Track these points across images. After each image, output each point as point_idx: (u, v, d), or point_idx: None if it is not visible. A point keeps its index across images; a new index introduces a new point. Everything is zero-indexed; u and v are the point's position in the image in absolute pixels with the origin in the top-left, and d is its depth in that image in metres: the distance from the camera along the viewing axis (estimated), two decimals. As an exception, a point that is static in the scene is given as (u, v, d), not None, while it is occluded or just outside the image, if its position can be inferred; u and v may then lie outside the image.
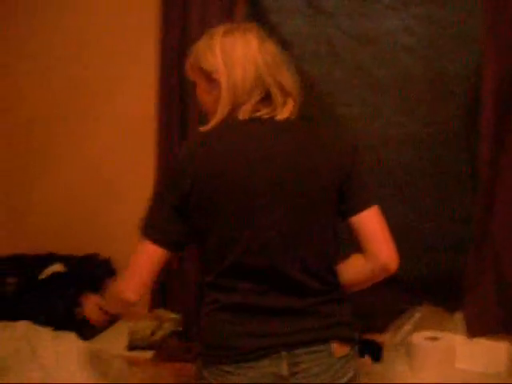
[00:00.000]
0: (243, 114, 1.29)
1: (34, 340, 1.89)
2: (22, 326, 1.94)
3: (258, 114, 1.30)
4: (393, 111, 2.23)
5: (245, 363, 1.28)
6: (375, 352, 2.02)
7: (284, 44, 1.99)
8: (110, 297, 1.51)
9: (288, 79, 1.32)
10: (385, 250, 1.32)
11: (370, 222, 1.33)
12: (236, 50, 1.30)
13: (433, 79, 2.19)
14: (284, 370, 1.29)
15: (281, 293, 1.31)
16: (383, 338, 2.08)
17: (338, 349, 1.33)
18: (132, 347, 2.09)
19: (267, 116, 1.30)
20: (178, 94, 2.23)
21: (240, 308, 1.31)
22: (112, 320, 1.99)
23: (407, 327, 2.08)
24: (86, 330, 1.96)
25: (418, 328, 2.06)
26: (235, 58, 1.29)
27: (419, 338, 2.00)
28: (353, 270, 1.39)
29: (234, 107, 1.30)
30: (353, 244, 1.35)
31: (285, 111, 1.31)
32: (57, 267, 2.26)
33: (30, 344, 1.87)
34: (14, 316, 2.01)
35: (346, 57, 2.22)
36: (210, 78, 1.32)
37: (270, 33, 1.38)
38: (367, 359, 1.99)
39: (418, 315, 2.09)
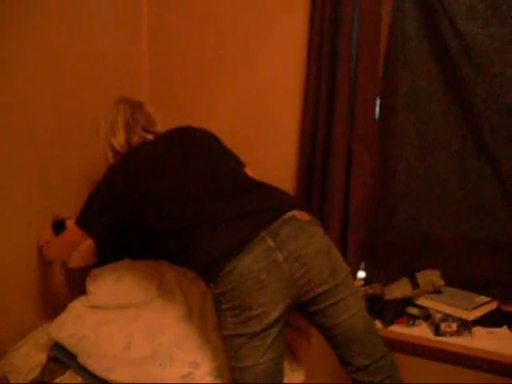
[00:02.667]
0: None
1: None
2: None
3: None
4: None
5: (238, 255, 1.59)
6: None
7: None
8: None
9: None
10: None
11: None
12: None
13: None
14: (271, 242, 1.61)
15: (239, 200, 1.74)
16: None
17: (300, 215, 1.70)
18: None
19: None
20: (327, 45, 2.25)
21: (217, 226, 1.68)
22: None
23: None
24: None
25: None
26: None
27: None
28: None
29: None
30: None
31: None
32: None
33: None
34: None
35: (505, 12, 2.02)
36: None
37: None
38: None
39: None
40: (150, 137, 1.98)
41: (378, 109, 2.29)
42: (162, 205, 1.80)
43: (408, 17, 2.15)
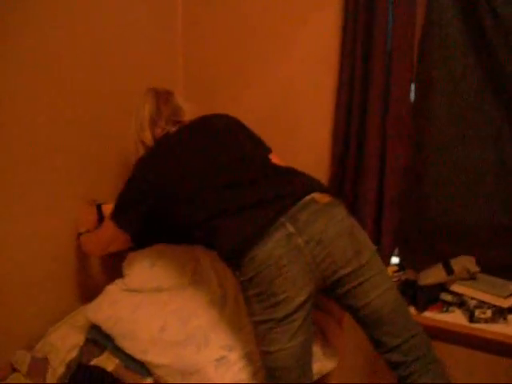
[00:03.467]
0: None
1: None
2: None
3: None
4: None
5: (259, 242, 1.59)
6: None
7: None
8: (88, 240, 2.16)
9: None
10: None
11: None
12: None
13: None
14: (290, 228, 1.60)
15: (256, 190, 1.74)
16: None
17: (320, 197, 1.68)
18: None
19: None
20: (361, 29, 2.23)
21: (236, 214, 1.69)
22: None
23: None
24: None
25: None
26: None
27: None
28: None
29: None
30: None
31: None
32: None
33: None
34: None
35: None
36: None
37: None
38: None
39: None
40: (173, 128, 1.99)
41: (412, 95, 2.26)
42: (182, 196, 1.82)
43: None
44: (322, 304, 2.07)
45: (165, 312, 2.04)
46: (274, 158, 2.01)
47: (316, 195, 1.69)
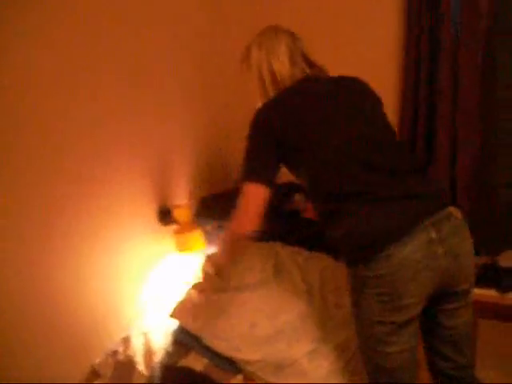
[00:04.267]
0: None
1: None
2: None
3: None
4: None
5: (401, 239, 1.48)
6: None
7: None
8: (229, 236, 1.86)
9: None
10: None
11: None
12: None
13: None
14: (433, 234, 1.51)
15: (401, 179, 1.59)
16: None
17: (456, 212, 1.59)
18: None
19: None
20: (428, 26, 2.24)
21: (379, 203, 1.54)
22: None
23: None
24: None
25: None
26: None
27: None
28: None
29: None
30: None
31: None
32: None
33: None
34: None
35: None
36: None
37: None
38: None
39: None
40: (311, 71, 1.81)
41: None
42: (318, 158, 1.64)
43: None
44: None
45: (251, 309, 2.03)
46: None
47: (453, 209, 1.60)
